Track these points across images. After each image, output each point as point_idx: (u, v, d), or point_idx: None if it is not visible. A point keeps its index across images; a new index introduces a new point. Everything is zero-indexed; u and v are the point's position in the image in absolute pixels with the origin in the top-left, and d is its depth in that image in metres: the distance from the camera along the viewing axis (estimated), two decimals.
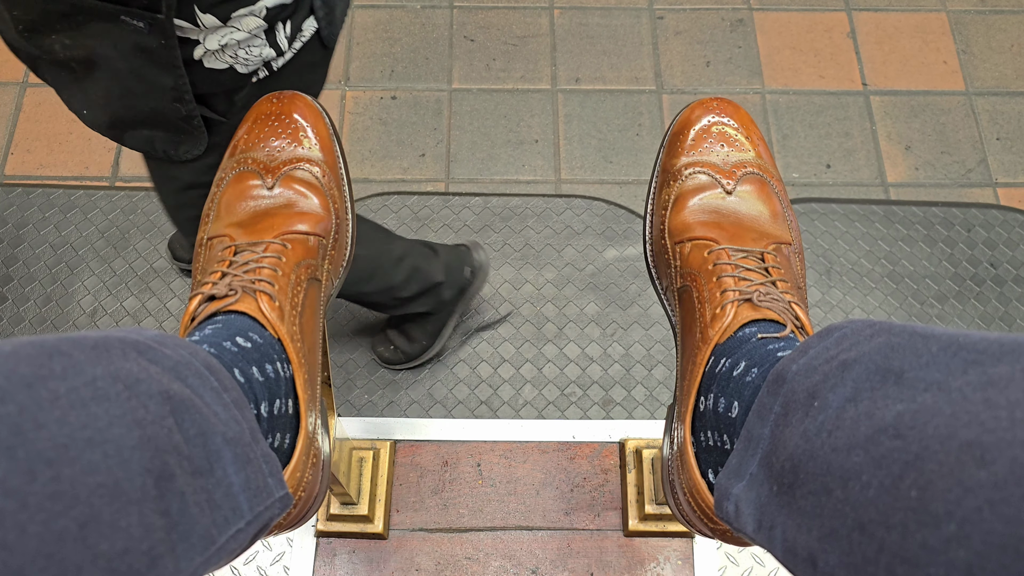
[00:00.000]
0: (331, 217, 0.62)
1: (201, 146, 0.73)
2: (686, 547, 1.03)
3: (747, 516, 0.42)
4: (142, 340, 0.38)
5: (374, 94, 1.51)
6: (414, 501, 1.06)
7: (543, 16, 1.60)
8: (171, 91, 0.67)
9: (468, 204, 1.39)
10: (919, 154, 1.47)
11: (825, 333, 0.43)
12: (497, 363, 1.24)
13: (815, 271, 1.34)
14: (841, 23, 1.60)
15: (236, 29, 0.64)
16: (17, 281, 1.32)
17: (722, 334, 0.53)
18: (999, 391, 0.29)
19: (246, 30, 0.64)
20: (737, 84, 1.53)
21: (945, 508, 0.27)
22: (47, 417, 0.30)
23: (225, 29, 0.63)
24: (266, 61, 0.68)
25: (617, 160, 1.45)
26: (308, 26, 0.69)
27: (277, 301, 0.53)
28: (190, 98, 0.68)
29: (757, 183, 0.63)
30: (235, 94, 0.70)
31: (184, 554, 0.34)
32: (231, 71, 0.67)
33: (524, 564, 1.03)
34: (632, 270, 1.33)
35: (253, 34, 0.65)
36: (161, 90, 0.67)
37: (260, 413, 0.47)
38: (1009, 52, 1.57)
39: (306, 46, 0.71)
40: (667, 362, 1.25)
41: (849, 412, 0.35)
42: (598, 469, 1.08)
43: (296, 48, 0.70)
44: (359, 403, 1.21)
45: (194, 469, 0.36)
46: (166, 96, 0.67)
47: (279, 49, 0.68)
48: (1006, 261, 1.35)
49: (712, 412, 0.51)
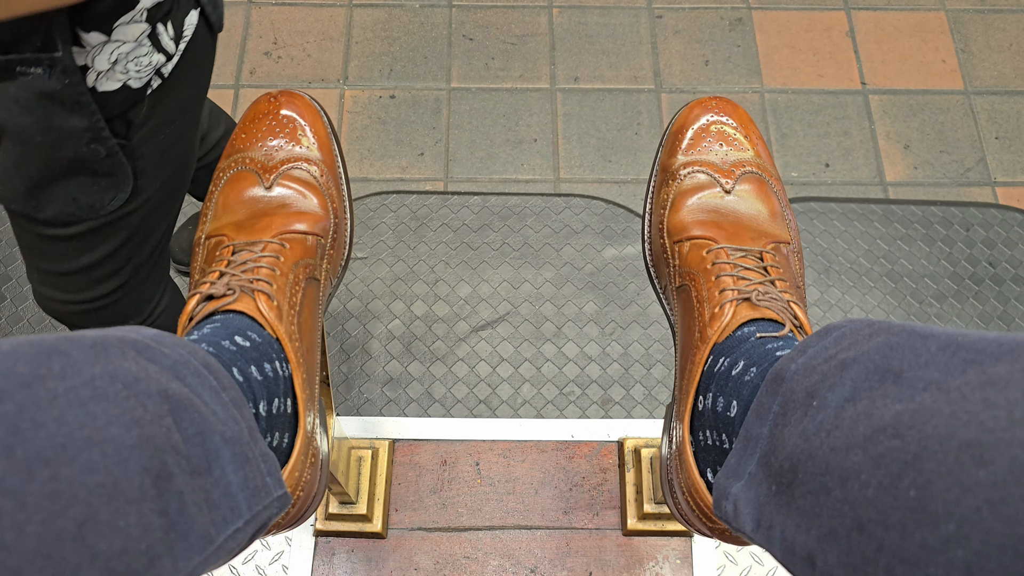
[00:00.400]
0: (329, 216, 0.62)
1: (127, 186, 0.68)
2: (685, 546, 1.03)
3: (746, 515, 0.42)
4: (141, 339, 0.38)
5: (373, 93, 1.51)
6: (413, 500, 1.06)
7: (542, 15, 1.60)
8: (87, 132, 0.62)
9: (467, 203, 1.39)
10: (918, 153, 1.47)
11: (824, 332, 0.43)
12: (496, 362, 1.24)
13: (814, 270, 1.34)
14: (840, 22, 1.60)
15: (121, 41, 0.60)
16: (15, 280, 1.32)
17: (721, 333, 0.53)
18: (998, 391, 0.29)
19: (132, 39, 0.60)
20: (736, 83, 1.53)
21: (944, 508, 0.27)
22: (45, 416, 0.30)
23: (112, 44, 0.60)
24: (157, 68, 0.64)
25: (616, 159, 1.45)
26: (189, 22, 0.66)
27: (275, 300, 0.53)
28: (108, 134, 0.63)
29: (756, 182, 0.63)
30: (132, 112, 0.66)
31: (182, 553, 0.34)
32: (125, 89, 0.63)
33: (523, 563, 1.03)
34: (631, 269, 1.33)
35: (139, 42, 0.61)
36: (77, 134, 0.62)
37: (259, 412, 0.47)
38: (1008, 51, 1.57)
39: (193, 41, 0.67)
40: (666, 361, 1.25)
41: (848, 411, 0.35)
42: (597, 468, 1.09)
43: (183, 48, 0.66)
44: (358, 402, 1.21)
45: (192, 468, 0.36)
46: (83, 139, 0.63)
47: (167, 52, 0.65)
48: (1004, 260, 1.36)
49: (711, 411, 0.51)
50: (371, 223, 1.37)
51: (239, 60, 1.53)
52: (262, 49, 1.55)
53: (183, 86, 0.69)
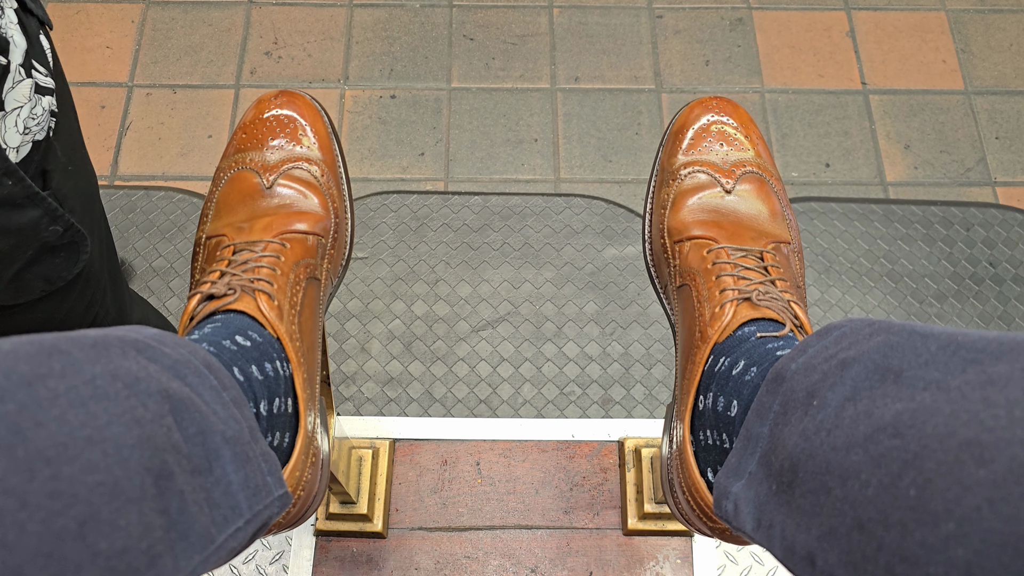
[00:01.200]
0: (330, 216, 0.62)
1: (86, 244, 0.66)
2: (685, 546, 1.03)
3: (746, 515, 0.42)
4: (141, 338, 0.38)
5: (373, 93, 1.51)
6: (413, 500, 1.06)
7: (542, 15, 1.60)
8: (44, 217, 0.60)
9: (467, 203, 1.39)
10: (918, 153, 1.47)
11: (824, 332, 0.43)
12: (496, 362, 1.25)
13: (814, 270, 1.34)
14: (840, 22, 1.60)
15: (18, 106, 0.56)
16: None
17: (721, 333, 0.53)
18: (998, 390, 0.29)
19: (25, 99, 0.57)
20: (736, 83, 1.53)
21: (944, 507, 0.27)
22: (46, 416, 0.30)
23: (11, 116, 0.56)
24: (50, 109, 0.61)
25: (616, 159, 1.45)
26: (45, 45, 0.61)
27: (276, 300, 0.53)
28: (62, 212, 0.61)
29: (756, 182, 0.63)
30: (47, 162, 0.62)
31: (183, 553, 0.34)
32: (35, 147, 0.59)
33: (523, 563, 1.03)
34: (631, 269, 1.33)
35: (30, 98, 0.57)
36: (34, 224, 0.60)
37: (259, 412, 0.47)
38: (1008, 51, 1.57)
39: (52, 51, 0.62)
40: (666, 361, 1.25)
41: (848, 411, 0.35)
42: (597, 468, 1.09)
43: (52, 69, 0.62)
44: (358, 402, 1.21)
45: (193, 468, 0.36)
46: (41, 225, 0.60)
47: (50, 89, 0.60)
48: (1005, 260, 1.36)
49: (711, 411, 0.51)
50: (372, 223, 1.37)
51: (239, 60, 1.53)
52: (262, 49, 1.55)
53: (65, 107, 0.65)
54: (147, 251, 1.34)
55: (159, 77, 1.50)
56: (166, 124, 1.46)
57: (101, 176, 1.42)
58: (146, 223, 1.36)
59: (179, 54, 1.52)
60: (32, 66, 0.58)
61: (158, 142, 1.44)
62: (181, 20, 1.56)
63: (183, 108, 1.47)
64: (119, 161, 1.43)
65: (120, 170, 1.43)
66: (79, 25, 1.55)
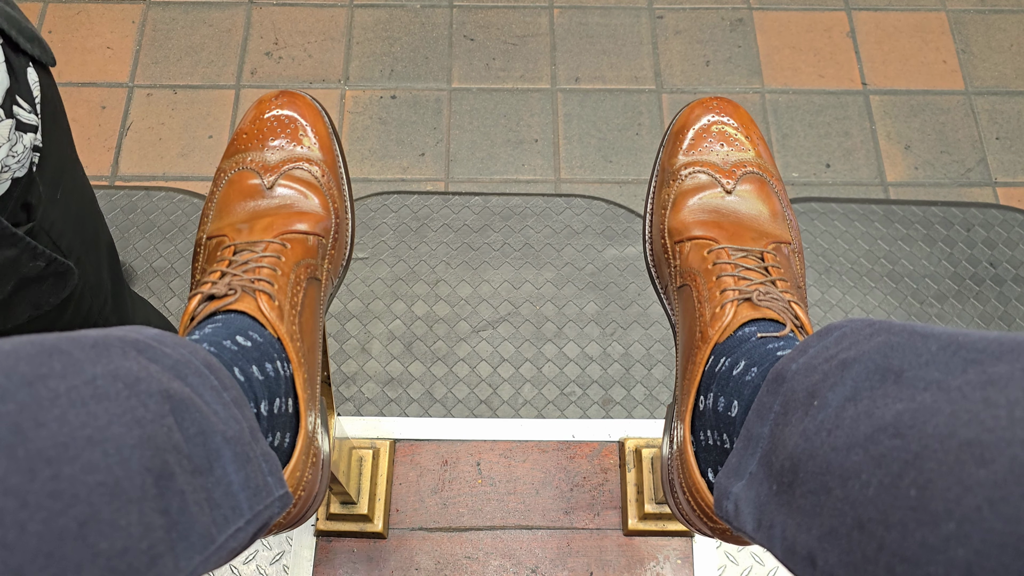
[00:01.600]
0: (330, 217, 0.62)
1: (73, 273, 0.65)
2: (685, 546, 1.03)
3: (746, 515, 0.42)
4: (142, 339, 0.38)
5: (373, 93, 1.51)
6: (414, 500, 1.06)
7: (543, 15, 1.60)
8: (23, 255, 0.59)
9: (468, 203, 1.39)
10: (918, 153, 1.47)
11: (824, 332, 0.43)
12: (496, 362, 1.25)
13: (814, 270, 1.34)
14: (841, 22, 1.60)
15: None
16: None
17: (721, 333, 0.53)
18: (998, 390, 0.29)
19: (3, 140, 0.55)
20: (737, 83, 1.53)
21: (945, 507, 0.27)
22: (47, 416, 0.30)
23: None
24: (33, 146, 0.59)
25: (617, 159, 1.45)
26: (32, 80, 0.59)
27: (276, 300, 0.53)
28: (42, 249, 0.60)
29: (757, 182, 0.63)
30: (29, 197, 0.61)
31: (183, 553, 0.34)
32: (14, 183, 0.58)
33: (524, 563, 1.03)
34: (632, 269, 1.33)
35: (9, 138, 0.56)
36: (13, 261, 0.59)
37: (260, 412, 0.47)
38: (1009, 51, 1.57)
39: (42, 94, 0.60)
40: (667, 361, 1.25)
41: (848, 411, 0.35)
42: (597, 468, 1.09)
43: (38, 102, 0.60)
44: (359, 402, 1.21)
45: (194, 468, 0.36)
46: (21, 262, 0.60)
47: (33, 126, 0.58)
48: (1005, 260, 1.36)
49: (712, 411, 0.51)
50: (372, 223, 1.37)
51: (240, 61, 1.53)
52: (263, 49, 1.55)
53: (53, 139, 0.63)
54: (148, 251, 1.34)
55: (160, 77, 1.50)
56: (167, 124, 1.46)
57: (102, 177, 1.42)
58: (147, 223, 1.36)
59: (180, 54, 1.52)
60: (15, 102, 0.56)
61: (159, 142, 1.44)
62: (182, 20, 1.56)
63: (184, 108, 1.47)
64: (120, 161, 1.43)
65: (121, 170, 1.43)
66: (79, 25, 1.55)
